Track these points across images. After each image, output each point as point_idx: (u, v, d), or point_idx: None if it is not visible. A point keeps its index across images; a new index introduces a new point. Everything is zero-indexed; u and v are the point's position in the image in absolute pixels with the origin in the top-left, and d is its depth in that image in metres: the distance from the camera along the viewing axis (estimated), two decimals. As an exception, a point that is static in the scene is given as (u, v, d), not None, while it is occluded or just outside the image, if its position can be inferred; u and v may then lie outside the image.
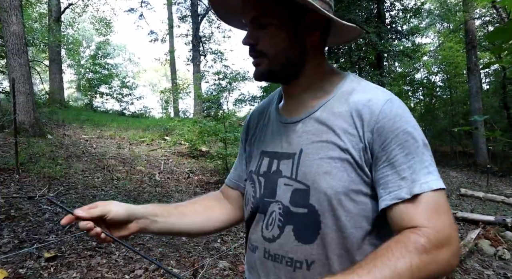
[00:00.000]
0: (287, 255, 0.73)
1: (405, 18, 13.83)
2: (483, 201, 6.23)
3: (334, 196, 0.69)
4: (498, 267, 3.32)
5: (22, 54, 7.03)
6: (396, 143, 0.66)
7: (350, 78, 0.78)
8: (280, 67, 0.76)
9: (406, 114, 0.69)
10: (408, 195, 0.63)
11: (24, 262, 2.83)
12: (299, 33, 0.75)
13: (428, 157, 0.67)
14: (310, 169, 0.72)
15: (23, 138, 6.62)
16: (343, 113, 0.72)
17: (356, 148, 0.69)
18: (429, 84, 17.39)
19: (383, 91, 0.73)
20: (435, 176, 0.66)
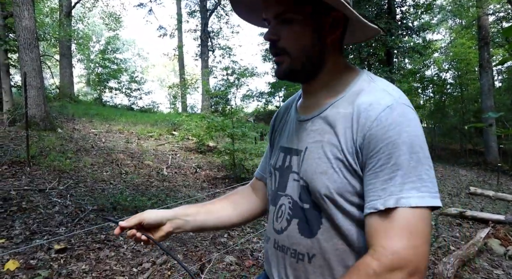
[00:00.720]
0: (292, 247, 0.77)
1: (416, 14, 13.63)
2: (493, 200, 6.14)
3: (328, 195, 0.70)
4: (508, 266, 3.27)
5: (34, 49, 7.11)
6: (384, 153, 0.64)
7: (362, 78, 0.77)
8: (301, 66, 0.76)
9: (405, 123, 0.64)
10: (382, 206, 0.62)
11: (35, 253, 2.89)
12: (322, 31, 0.75)
13: (421, 171, 0.63)
14: (310, 167, 0.74)
15: (34, 132, 6.72)
16: (347, 114, 0.72)
17: (350, 152, 0.69)
18: (439, 81, 17.15)
19: (390, 95, 0.69)
20: (421, 193, 0.61)
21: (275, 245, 0.83)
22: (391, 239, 0.61)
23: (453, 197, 6.29)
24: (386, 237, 0.61)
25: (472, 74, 16.07)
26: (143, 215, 0.90)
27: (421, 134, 0.65)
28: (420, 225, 0.61)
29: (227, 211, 1.00)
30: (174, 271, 2.80)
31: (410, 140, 0.63)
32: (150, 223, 0.89)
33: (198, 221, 0.95)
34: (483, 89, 12.09)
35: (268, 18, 0.77)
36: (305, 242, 0.75)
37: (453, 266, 2.93)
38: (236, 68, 15.06)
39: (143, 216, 0.89)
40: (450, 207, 5.31)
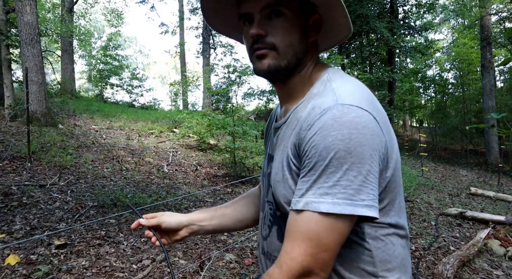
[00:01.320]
0: (273, 253, 0.79)
1: (419, 13, 13.59)
2: (494, 201, 6.14)
3: (286, 203, 0.70)
4: (508, 267, 3.27)
5: (35, 44, 7.11)
6: (307, 156, 0.63)
7: (322, 79, 0.74)
8: (286, 63, 0.73)
9: (336, 126, 0.59)
10: (293, 205, 0.62)
11: (35, 248, 2.89)
12: (306, 31, 0.74)
13: (341, 176, 0.58)
14: (274, 176, 0.75)
15: (35, 127, 6.72)
16: (299, 119, 0.70)
17: (295, 155, 0.68)
18: (441, 81, 17.12)
19: (333, 95, 0.65)
20: (335, 199, 0.58)
21: (262, 250, 0.84)
22: (293, 243, 0.61)
23: (454, 197, 6.28)
24: (289, 241, 0.62)
25: (474, 74, 16.05)
26: (163, 218, 0.94)
27: (355, 138, 0.58)
28: (322, 233, 0.58)
29: (240, 214, 1.02)
30: (173, 268, 2.80)
31: (335, 145, 0.58)
32: (169, 227, 0.94)
33: (212, 225, 0.99)
34: (485, 89, 12.06)
35: (250, 12, 0.72)
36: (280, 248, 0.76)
37: (453, 267, 2.93)
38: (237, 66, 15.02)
39: (162, 219, 0.94)
40: (450, 207, 5.31)
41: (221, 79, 17.61)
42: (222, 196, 5.15)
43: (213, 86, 14.47)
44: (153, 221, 0.93)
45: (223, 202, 4.85)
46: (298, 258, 0.59)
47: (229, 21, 0.84)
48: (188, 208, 4.45)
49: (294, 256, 0.59)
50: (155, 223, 0.93)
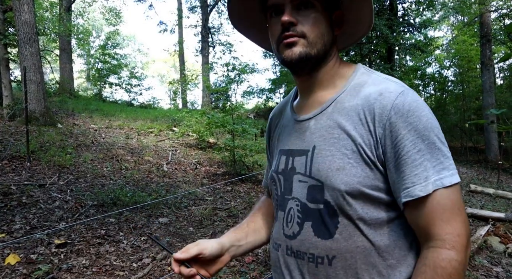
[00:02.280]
0: (308, 251, 0.74)
1: (418, 10, 13.55)
2: (493, 198, 6.14)
3: (348, 191, 0.68)
4: (507, 264, 3.27)
5: (33, 43, 7.08)
6: (408, 139, 0.64)
7: (361, 71, 0.78)
8: (315, 52, 0.74)
9: (420, 108, 0.66)
10: (422, 192, 0.63)
11: (35, 248, 2.89)
12: (332, 24, 0.77)
13: (443, 151, 0.66)
14: (323, 165, 0.72)
15: (34, 127, 6.71)
16: (354, 107, 0.71)
17: (367, 143, 0.68)
18: (440, 78, 17.10)
19: (395, 83, 0.71)
20: (449, 171, 0.64)
21: (287, 251, 0.78)
22: (449, 222, 0.63)
23: (453, 194, 6.29)
24: (444, 223, 0.63)
25: (474, 71, 16.03)
26: (203, 245, 0.81)
27: (434, 116, 0.68)
28: (460, 200, 0.65)
29: (267, 227, 0.99)
30: (174, 267, 2.80)
31: (430, 123, 0.66)
32: (213, 253, 0.82)
33: (249, 243, 0.94)
34: (485, 86, 12.05)
35: (280, 3, 0.74)
36: (322, 244, 0.72)
37: (453, 263, 2.93)
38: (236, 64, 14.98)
39: (203, 246, 0.81)
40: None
41: (220, 78, 17.56)
42: (222, 195, 5.15)
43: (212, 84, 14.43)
44: (193, 251, 0.79)
45: (223, 201, 4.85)
46: (462, 231, 0.63)
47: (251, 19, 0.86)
48: (188, 206, 4.45)
49: (459, 232, 0.63)
50: (195, 253, 0.79)
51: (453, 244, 0.62)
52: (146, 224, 3.71)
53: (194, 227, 3.80)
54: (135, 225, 3.63)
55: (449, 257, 0.61)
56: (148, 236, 2.66)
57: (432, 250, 0.63)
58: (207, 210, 4.31)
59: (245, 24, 0.88)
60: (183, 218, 4.06)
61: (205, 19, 16.86)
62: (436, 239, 0.63)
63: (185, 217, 4.09)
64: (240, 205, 4.71)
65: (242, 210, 4.48)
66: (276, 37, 0.76)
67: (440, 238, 0.63)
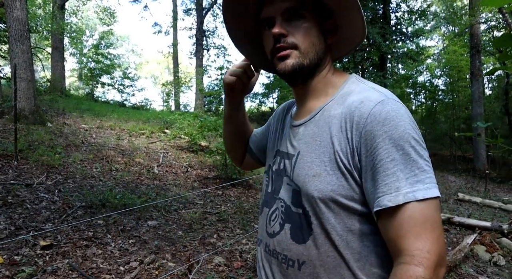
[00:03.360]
0: (283, 252, 0.76)
1: (411, 19, 13.78)
2: (481, 207, 6.23)
3: (321, 198, 0.69)
4: (492, 273, 3.32)
5: (25, 41, 6.98)
6: (381, 148, 0.63)
7: (351, 80, 0.79)
8: (308, 62, 0.76)
9: (398, 117, 0.64)
10: (390, 203, 0.61)
11: (19, 249, 2.83)
12: (325, 32, 0.78)
13: (419, 163, 0.63)
14: (302, 171, 0.74)
15: (22, 125, 6.60)
16: (338, 115, 0.72)
17: (344, 151, 0.68)
18: (431, 87, 17.38)
19: (378, 92, 0.71)
20: (424, 185, 0.62)
21: (266, 248, 0.82)
22: (420, 238, 0.60)
23: (442, 203, 6.36)
24: (414, 238, 0.60)
25: (464, 81, 16.31)
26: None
27: (416, 127, 0.66)
28: (435, 216, 0.62)
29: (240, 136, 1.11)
30: (161, 271, 2.77)
31: (406, 133, 0.64)
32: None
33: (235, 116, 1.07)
34: (474, 96, 12.26)
35: (272, 15, 0.76)
36: (295, 248, 0.73)
37: (440, 271, 2.96)
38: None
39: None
40: (438, 212, 5.36)
41: (213, 81, 17.58)
42: (213, 199, 5.13)
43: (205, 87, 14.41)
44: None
45: (213, 205, 4.83)
46: (433, 248, 0.60)
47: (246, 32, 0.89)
48: (177, 210, 4.41)
49: (429, 249, 0.60)
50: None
51: (421, 260, 0.60)
52: (134, 226, 3.67)
53: (184, 230, 3.77)
54: (123, 227, 3.58)
55: (416, 274, 0.59)
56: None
57: (401, 267, 0.61)
58: (197, 214, 4.28)
59: (239, 36, 0.91)
60: (172, 221, 4.02)
61: (200, 21, 16.86)
62: (405, 254, 0.61)
63: (174, 220, 4.06)
64: (230, 209, 4.69)
65: (232, 214, 4.47)
66: (270, 49, 0.78)
67: (409, 253, 0.61)
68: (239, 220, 4.27)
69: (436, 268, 0.59)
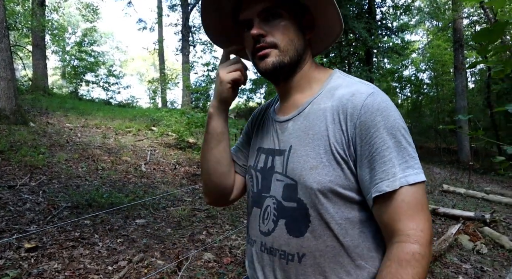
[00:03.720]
0: (281, 248, 0.76)
1: (396, 14, 13.92)
2: (464, 197, 6.39)
3: (320, 190, 0.70)
4: (475, 261, 3.41)
5: (3, 39, 6.78)
6: (377, 137, 0.67)
7: (336, 75, 0.81)
8: (288, 59, 0.77)
9: (388, 108, 0.69)
10: (388, 188, 0.65)
11: (3, 252, 2.77)
12: (303, 28, 0.80)
13: (409, 150, 0.68)
14: (297, 165, 0.74)
15: (3, 125, 6.43)
16: (329, 108, 0.74)
17: (339, 142, 0.70)
18: (416, 81, 17.65)
19: (366, 85, 0.75)
20: (414, 170, 0.66)
21: (261, 247, 0.80)
22: (413, 219, 0.65)
23: (427, 194, 6.48)
24: (408, 219, 0.65)
25: (448, 75, 16.63)
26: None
27: (401, 117, 0.71)
28: (423, 198, 0.67)
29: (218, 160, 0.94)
30: (150, 269, 2.76)
31: (396, 123, 0.68)
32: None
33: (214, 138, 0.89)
34: (457, 90, 12.51)
35: (249, 18, 0.77)
36: (294, 242, 0.74)
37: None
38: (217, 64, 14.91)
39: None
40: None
41: (200, 77, 17.45)
42: (201, 195, 5.11)
43: (192, 84, 14.30)
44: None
45: (202, 201, 4.81)
46: (425, 227, 0.65)
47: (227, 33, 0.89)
48: (166, 207, 4.38)
49: (422, 228, 0.65)
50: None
51: (416, 238, 0.64)
52: (122, 225, 3.63)
53: (172, 228, 3.75)
54: (111, 227, 3.54)
55: (413, 250, 0.63)
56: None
57: (397, 245, 0.65)
58: (186, 211, 4.26)
59: (221, 39, 0.91)
60: (161, 219, 3.99)
61: (186, 17, 16.67)
62: (400, 234, 0.65)
63: (163, 218, 4.03)
64: (219, 206, 4.68)
65: (221, 210, 4.46)
66: (251, 50, 0.80)
67: (404, 233, 0.65)
68: (228, 216, 4.27)
69: (428, 244, 0.65)
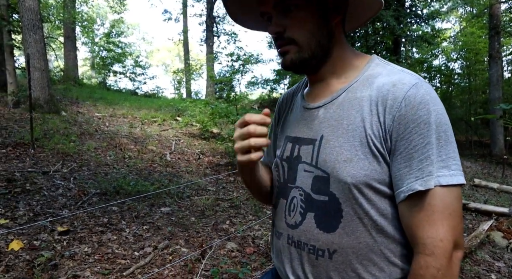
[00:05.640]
0: (309, 242, 0.73)
1: (426, 1, 13.30)
2: (497, 192, 6.11)
3: (354, 184, 0.66)
4: (509, 259, 3.27)
5: (37, 30, 7.04)
6: (416, 133, 0.62)
7: (375, 62, 0.74)
8: (310, 54, 0.72)
9: (432, 101, 0.63)
10: (421, 187, 0.60)
11: (38, 234, 2.92)
12: (327, 14, 0.72)
13: (447, 149, 0.62)
14: (330, 156, 0.69)
15: (38, 114, 6.72)
16: (366, 98, 0.68)
17: (377, 135, 0.65)
18: (447, 71, 16.88)
19: (410, 75, 0.68)
20: (449, 171, 0.61)
21: (288, 240, 0.77)
22: (435, 225, 0.60)
23: (457, 188, 6.26)
24: (429, 225, 0.60)
25: (481, 64, 15.79)
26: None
27: (445, 112, 0.65)
28: (455, 204, 0.61)
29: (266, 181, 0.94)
30: (175, 256, 2.82)
31: (439, 118, 0.63)
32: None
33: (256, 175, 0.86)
34: (492, 80, 11.87)
35: (266, 11, 0.73)
36: (324, 237, 0.70)
37: (455, 258, 2.92)
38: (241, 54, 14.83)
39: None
40: (453, 198, 5.28)
41: (224, 68, 17.45)
42: (225, 185, 5.16)
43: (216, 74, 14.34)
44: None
45: (225, 191, 4.86)
46: (446, 237, 0.60)
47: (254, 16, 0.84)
48: (190, 196, 4.46)
49: (442, 237, 0.60)
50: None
51: (432, 249, 0.59)
52: (148, 213, 3.73)
53: (196, 217, 3.81)
54: (137, 214, 3.65)
55: (426, 264, 0.59)
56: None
57: (415, 257, 0.61)
58: (210, 200, 4.32)
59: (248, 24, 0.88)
60: (185, 208, 4.07)
61: (210, 8, 16.67)
62: (418, 242, 0.62)
63: (187, 207, 4.11)
64: (242, 196, 4.71)
65: (244, 201, 4.49)
66: (274, 43, 0.77)
67: (421, 241, 0.61)
68: (251, 206, 4.29)
69: (449, 256, 0.59)
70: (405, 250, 0.68)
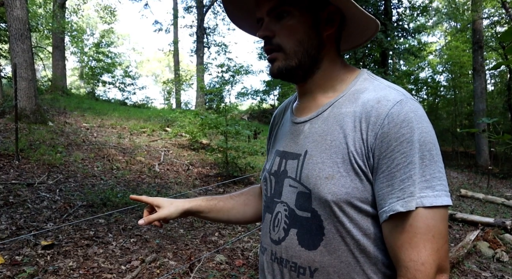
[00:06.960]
0: (291, 259, 0.71)
1: (412, 15, 13.70)
2: (483, 203, 6.21)
3: (335, 202, 0.64)
4: (496, 269, 3.30)
5: (25, 40, 6.98)
6: (399, 151, 0.60)
7: (363, 77, 0.73)
8: (297, 62, 0.72)
9: (417, 119, 0.61)
10: (403, 208, 0.58)
11: (21, 249, 2.83)
12: (319, 26, 0.71)
13: (432, 169, 0.60)
14: (312, 172, 0.68)
15: (23, 124, 6.61)
16: (351, 114, 0.67)
17: (359, 152, 0.64)
18: (433, 83, 17.29)
19: (396, 91, 0.66)
20: (433, 192, 0.59)
21: (272, 256, 0.76)
22: (417, 248, 0.58)
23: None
24: (411, 248, 0.59)
25: (466, 77, 16.23)
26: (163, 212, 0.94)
27: (432, 130, 0.62)
28: (439, 227, 0.59)
29: (235, 212, 1.01)
30: (163, 270, 2.77)
31: (423, 137, 0.60)
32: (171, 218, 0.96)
33: (210, 218, 1.00)
34: (476, 92, 12.20)
35: (261, 17, 0.74)
36: (306, 254, 0.68)
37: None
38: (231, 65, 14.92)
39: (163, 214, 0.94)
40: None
41: (214, 79, 17.54)
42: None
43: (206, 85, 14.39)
44: (152, 218, 0.93)
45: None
46: (428, 260, 0.58)
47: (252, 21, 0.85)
48: (179, 208, 4.41)
49: (424, 261, 0.58)
50: (155, 218, 0.93)
51: (414, 273, 0.58)
52: (136, 225, 3.67)
53: (185, 229, 3.76)
54: (124, 226, 3.58)
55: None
56: None
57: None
58: (198, 212, 4.27)
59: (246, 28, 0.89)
60: (173, 220, 4.01)
61: (201, 19, 16.82)
62: (400, 265, 0.60)
63: (175, 219, 4.05)
64: (231, 207, 4.68)
65: (233, 212, 4.46)
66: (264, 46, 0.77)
67: (403, 264, 0.59)
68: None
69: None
70: (388, 271, 0.66)
